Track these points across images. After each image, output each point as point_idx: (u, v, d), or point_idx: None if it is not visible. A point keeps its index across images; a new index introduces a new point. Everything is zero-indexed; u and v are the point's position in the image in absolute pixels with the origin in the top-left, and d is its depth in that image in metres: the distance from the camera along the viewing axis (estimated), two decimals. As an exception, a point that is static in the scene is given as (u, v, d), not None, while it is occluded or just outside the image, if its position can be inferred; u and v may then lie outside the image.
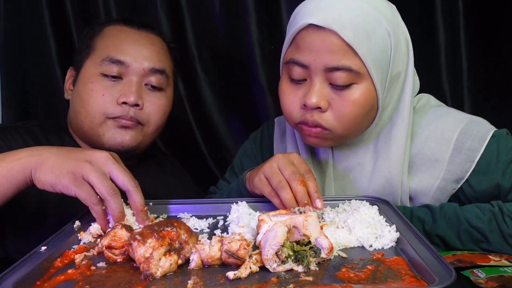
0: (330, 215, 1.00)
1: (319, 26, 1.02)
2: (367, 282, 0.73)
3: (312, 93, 1.05)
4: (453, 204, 1.08)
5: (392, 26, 1.07)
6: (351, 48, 1.01)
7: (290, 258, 0.79)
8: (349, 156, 1.19)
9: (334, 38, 1.01)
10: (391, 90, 1.12)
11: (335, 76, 1.03)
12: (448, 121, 1.14)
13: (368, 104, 1.07)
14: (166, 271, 0.77)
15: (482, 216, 1.02)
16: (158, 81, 1.34)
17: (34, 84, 1.86)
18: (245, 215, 1.00)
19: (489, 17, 1.74)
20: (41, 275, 0.78)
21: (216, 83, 1.89)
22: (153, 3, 1.80)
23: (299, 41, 1.06)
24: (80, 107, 1.29)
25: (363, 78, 1.04)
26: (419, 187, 1.13)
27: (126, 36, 1.34)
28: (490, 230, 1.00)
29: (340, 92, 1.05)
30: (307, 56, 1.04)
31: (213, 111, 1.90)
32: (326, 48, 1.02)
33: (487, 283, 0.82)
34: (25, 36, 1.83)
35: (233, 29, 1.85)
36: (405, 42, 1.13)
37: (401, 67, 1.12)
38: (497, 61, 1.76)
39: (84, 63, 1.33)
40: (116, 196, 0.93)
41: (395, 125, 1.14)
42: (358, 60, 1.02)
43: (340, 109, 1.06)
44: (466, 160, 1.09)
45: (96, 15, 1.81)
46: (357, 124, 1.09)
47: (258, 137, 1.42)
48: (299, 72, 1.07)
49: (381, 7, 1.06)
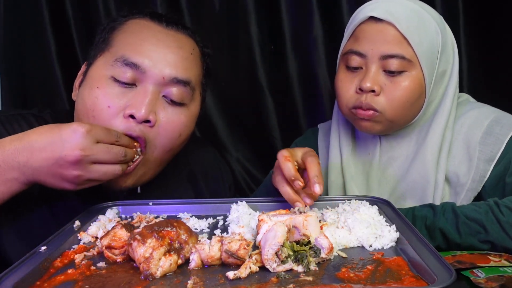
0: (331, 215, 1.00)
1: (378, 18, 1.17)
2: (367, 282, 0.73)
3: (367, 78, 1.17)
4: (450, 203, 1.11)
5: (441, 28, 1.21)
6: (405, 39, 1.15)
7: (290, 258, 0.79)
8: (395, 147, 1.29)
9: (391, 29, 1.16)
10: (437, 85, 1.24)
11: (389, 63, 1.16)
12: (482, 111, 1.26)
13: (416, 91, 1.18)
14: (166, 271, 0.77)
15: (478, 209, 1.06)
16: (179, 95, 1.10)
17: (34, 84, 1.86)
18: (245, 215, 1.00)
19: (489, 17, 1.74)
20: (41, 275, 0.78)
21: (216, 83, 1.89)
22: (153, 3, 1.80)
23: (359, 33, 1.20)
24: (83, 116, 1.09)
25: (414, 67, 1.17)
26: (459, 170, 1.22)
27: (149, 34, 1.11)
28: (487, 219, 1.03)
29: (393, 78, 1.17)
30: (365, 46, 1.18)
31: (213, 111, 1.90)
32: (383, 38, 1.16)
33: (487, 283, 0.82)
34: (25, 36, 1.83)
35: (233, 29, 1.85)
36: (452, 46, 1.27)
37: (447, 66, 1.25)
38: (497, 61, 1.76)
39: (96, 59, 1.12)
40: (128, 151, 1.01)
41: (436, 117, 1.25)
42: (411, 50, 1.16)
43: (391, 93, 1.17)
44: (496, 142, 1.19)
45: (96, 15, 1.81)
46: (406, 109, 1.20)
47: (303, 143, 1.50)
48: (357, 61, 1.20)
49: (431, 11, 1.23)
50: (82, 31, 1.83)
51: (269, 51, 1.85)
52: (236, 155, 1.93)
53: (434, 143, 1.23)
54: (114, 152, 0.99)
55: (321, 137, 1.47)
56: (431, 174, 1.22)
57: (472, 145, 1.21)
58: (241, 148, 1.93)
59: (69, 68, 1.81)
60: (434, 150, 1.22)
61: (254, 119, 1.91)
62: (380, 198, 1.09)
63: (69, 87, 1.79)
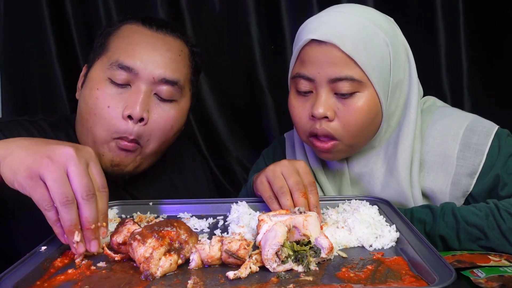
0: (331, 215, 1.00)
1: (321, 40, 1.09)
2: (367, 282, 0.73)
3: (318, 104, 1.11)
4: (451, 203, 1.09)
5: (390, 37, 1.13)
6: (351, 59, 1.08)
7: (290, 258, 0.79)
8: (361, 163, 1.24)
9: (335, 51, 1.08)
10: (394, 97, 1.18)
11: (339, 86, 1.10)
12: (453, 119, 1.19)
13: (372, 111, 1.12)
14: (166, 271, 0.77)
15: (479, 212, 1.03)
16: (168, 93, 1.21)
17: (34, 84, 1.86)
18: (245, 215, 1.01)
19: (489, 17, 1.74)
20: (41, 275, 0.79)
21: (216, 83, 1.89)
22: (153, 3, 1.80)
23: (304, 56, 1.13)
24: (86, 114, 1.20)
25: (365, 86, 1.10)
26: (434, 185, 1.16)
27: (140, 38, 1.22)
28: (488, 226, 1.01)
29: (345, 101, 1.11)
30: (312, 70, 1.11)
31: (213, 111, 1.90)
32: (328, 60, 1.09)
33: (487, 283, 0.82)
34: (25, 36, 1.82)
35: (233, 29, 1.84)
36: (405, 52, 1.19)
37: (402, 75, 1.18)
38: (497, 61, 1.75)
39: (95, 63, 1.24)
40: (70, 206, 0.81)
41: (402, 129, 1.18)
42: (359, 69, 1.09)
43: (345, 117, 1.11)
44: (476, 154, 1.13)
45: (96, 15, 1.81)
46: (363, 130, 1.14)
47: (271, 153, 1.46)
48: (306, 85, 1.14)
49: (378, 21, 1.14)
50: (82, 31, 1.83)
51: (269, 51, 1.85)
52: (236, 155, 1.92)
53: (405, 157, 1.16)
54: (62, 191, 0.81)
55: (288, 148, 1.40)
56: (407, 191, 1.16)
57: (449, 160, 1.15)
58: (241, 148, 1.93)
59: (69, 68, 1.81)
60: (406, 165, 1.16)
61: (254, 119, 1.91)
62: (380, 198, 1.09)
63: (69, 87, 1.80)
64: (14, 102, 1.86)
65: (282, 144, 1.44)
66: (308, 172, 1.05)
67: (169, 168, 1.41)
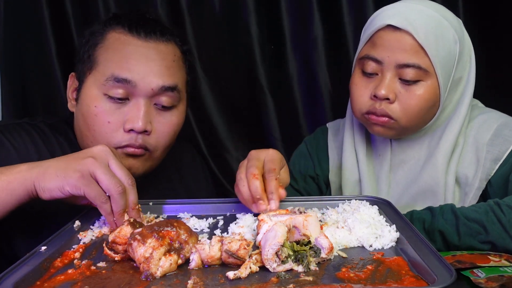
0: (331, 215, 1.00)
1: (396, 27, 1.16)
2: (367, 282, 0.73)
3: (382, 85, 1.18)
4: (449, 204, 1.11)
5: (459, 36, 1.21)
6: (422, 49, 1.15)
7: (290, 258, 0.79)
8: (406, 150, 1.30)
9: (408, 38, 1.15)
10: (452, 92, 1.24)
11: (405, 72, 1.17)
12: (491, 115, 1.29)
13: (431, 100, 1.19)
14: (166, 271, 0.77)
15: (478, 209, 1.06)
16: (169, 100, 1.21)
17: (34, 84, 1.86)
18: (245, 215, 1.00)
19: (489, 17, 1.74)
20: (41, 275, 0.78)
21: (216, 83, 1.89)
22: (153, 3, 1.80)
23: (376, 39, 1.20)
24: (86, 130, 1.20)
25: (429, 76, 1.17)
26: (468, 171, 1.23)
27: (131, 50, 1.19)
28: (487, 220, 1.03)
29: (408, 86, 1.18)
30: (382, 53, 1.18)
31: (213, 111, 1.90)
32: (400, 46, 1.16)
33: (487, 283, 0.82)
34: (25, 36, 1.82)
35: (233, 29, 1.84)
36: (469, 53, 1.28)
37: (463, 73, 1.25)
38: (497, 61, 1.75)
39: (86, 77, 1.21)
40: (123, 193, 0.92)
41: (450, 123, 1.25)
42: (427, 59, 1.16)
43: (406, 102, 1.18)
44: (504, 143, 1.21)
45: (96, 15, 1.81)
46: (420, 117, 1.21)
47: (313, 140, 1.52)
48: (373, 67, 1.21)
49: (450, 18, 1.22)
50: (82, 31, 1.83)
51: (269, 51, 1.85)
52: (236, 155, 1.92)
53: (447, 148, 1.23)
54: (115, 181, 0.93)
55: (330, 136, 1.47)
56: (441, 177, 1.23)
57: (480, 147, 1.22)
58: (241, 148, 1.93)
59: (69, 68, 1.81)
60: (446, 154, 1.23)
61: (254, 119, 1.91)
62: (380, 198, 1.09)
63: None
64: (14, 102, 1.86)
65: (324, 134, 1.50)
66: (272, 160, 1.04)
67: (168, 168, 1.42)
